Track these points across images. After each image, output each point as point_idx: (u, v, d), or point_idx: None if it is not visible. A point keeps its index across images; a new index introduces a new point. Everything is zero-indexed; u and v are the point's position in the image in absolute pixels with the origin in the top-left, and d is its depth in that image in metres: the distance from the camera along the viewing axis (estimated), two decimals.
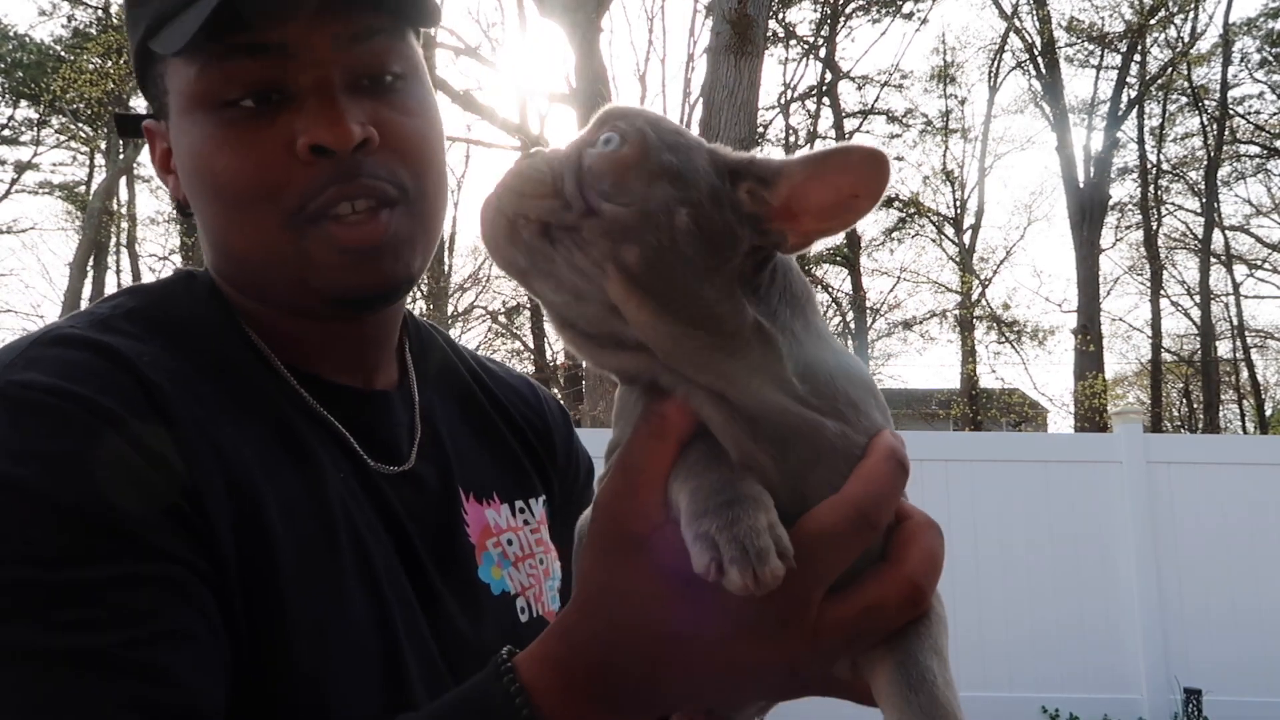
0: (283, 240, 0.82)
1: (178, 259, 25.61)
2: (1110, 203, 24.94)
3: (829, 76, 25.68)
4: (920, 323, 26.98)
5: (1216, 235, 25.36)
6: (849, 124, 26.67)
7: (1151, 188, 25.90)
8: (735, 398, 0.63)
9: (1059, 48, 24.85)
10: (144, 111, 0.97)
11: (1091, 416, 20.54)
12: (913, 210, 26.41)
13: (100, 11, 25.58)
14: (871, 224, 27.83)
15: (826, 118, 26.62)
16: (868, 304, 26.33)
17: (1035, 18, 24.38)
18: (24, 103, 26.21)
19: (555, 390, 18.48)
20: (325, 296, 0.85)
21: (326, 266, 0.83)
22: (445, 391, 1.02)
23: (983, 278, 25.93)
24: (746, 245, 0.64)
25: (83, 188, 27.52)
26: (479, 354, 1.13)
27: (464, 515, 0.95)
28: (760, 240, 0.64)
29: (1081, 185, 23.59)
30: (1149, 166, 25.71)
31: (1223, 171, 25.20)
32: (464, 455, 0.99)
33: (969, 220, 26.42)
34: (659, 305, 0.61)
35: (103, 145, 24.85)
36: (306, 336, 0.90)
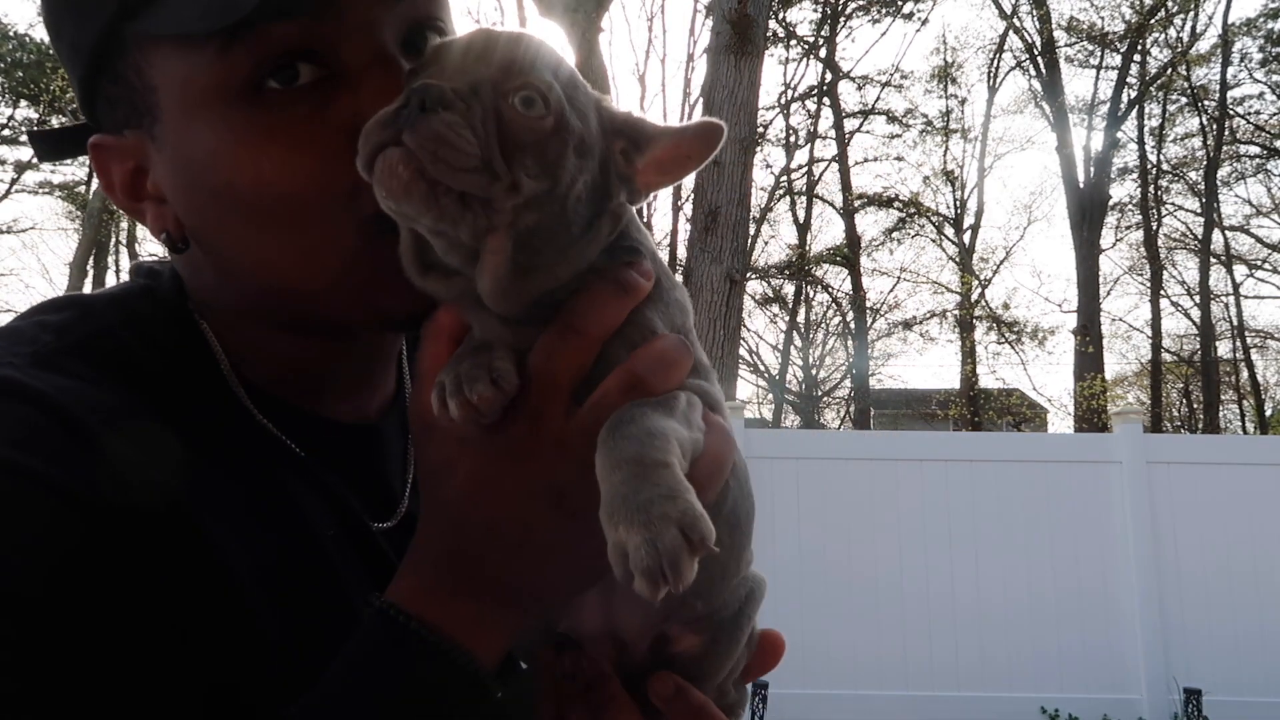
0: (358, 252, 0.70)
1: None
2: (1110, 203, 24.94)
3: (829, 76, 25.68)
4: (920, 323, 26.99)
5: (1216, 235, 25.36)
6: (849, 124, 26.67)
7: (1151, 188, 25.90)
8: (504, 313, 0.68)
9: (1059, 48, 24.86)
10: (71, 123, 0.78)
11: (1091, 417, 20.54)
12: (913, 210, 26.40)
13: None
14: (872, 224, 27.89)
15: (826, 118, 26.62)
16: (868, 304, 26.32)
17: (1035, 17, 24.39)
18: (24, 103, 26.22)
19: None
20: (391, 316, 0.74)
21: (406, 284, 0.70)
22: None
23: (982, 278, 25.94)
24: (615, 201, 0.70)
25: (82, 188, 27.52)
26: None
27: None
28: (627, 197, 0.71)
29: (1081, 185, 23.59)
30: (1149, 166, 25.71)
31: (1223, 171, 25.22)
32: None
33: (969, 220, 26.44)
34: (523, 259, 0.65)
35: None
36: (299, 361, 0.79)
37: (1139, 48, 24.37)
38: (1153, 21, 23.59)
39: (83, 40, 0.70)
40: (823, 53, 25.50)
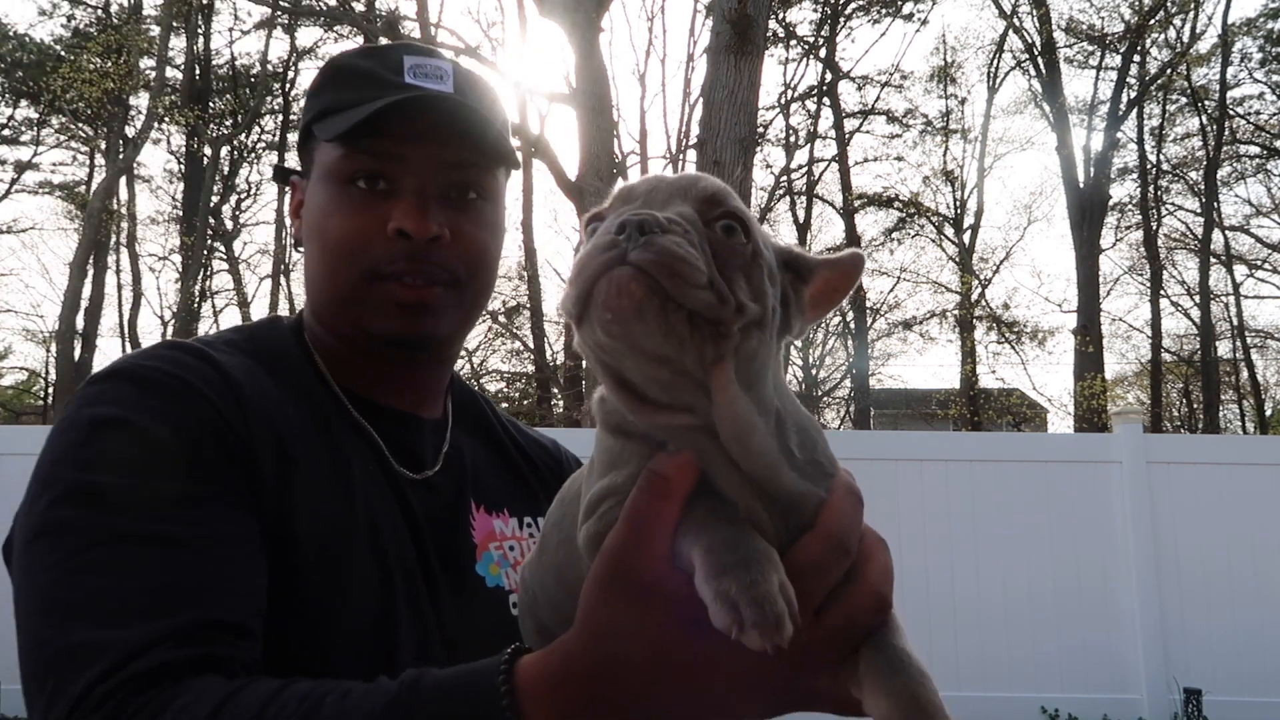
0: (359, 288, 1.08)
1: (177, 259, 25.60)
2: (1110, 203, 24.94)
3: (829, 76, 25.68)
4: (920, 323, 27.00)
5: (1216, 235, 25.37)
6: (849, 124, 26.66)
7: (1151, 188, 25.91)
8: (750, 468, 0.69)
9: (1058, 48, 24.86)
10: (291, 168, 1.27)
11: (1091, 417, 20.53)
12: (913, 210, 26.41)
13: (100, 11, 25.56)
14: (872, 224, 27.90)
15: (826, 118, 26.63)
16: (868, 304, 26.32)
17: (1035, 18, 24.38)
18: (24, 103, 26.19)
19: (555, 390, 18.44)
20: (376, 336, 1.10)
21: (383, 315, 1.08)
22: (476, 432, 1.27)
23: (982, 278, 25.93)
24: (792, 335, 0.75)
25: (83, 187, 27.48)
26: (514, 419, 1.38)
27: (471, 520, 1.15)
28: (799, 326, 0.75)
29: (1081, 185, 23.59)
30: (1149, 166, 25.72)
31: (1223, 171, 25.23)
32: (481, 477, 1.21)
33: (969, 220, 26.43)
34: (743, 388, 0.67)
35: (102, 145, 24.81)
36: (365, 367, 1.14)
37: (1139, 48, 24.37)
38: (1152, 22, 23.58)
39: (300, 127, 1.19)
40: (823, 53, 25.50)
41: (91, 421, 0.92)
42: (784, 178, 25.94)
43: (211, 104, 26.33)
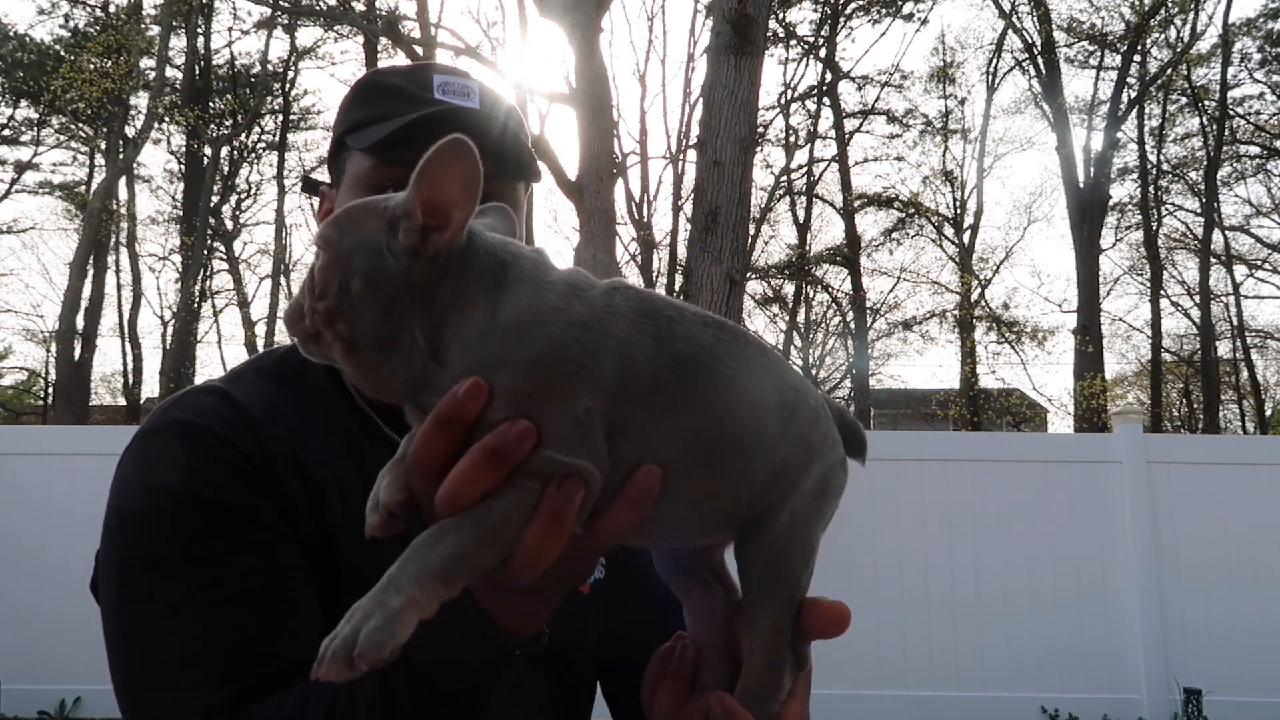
0: None
1: (177, 259, 25.61)
2: (1110, 203, 24.95)
3: (829, 76, 25.68)
4: (920, 323, 27.00)
5: (1216, 235, 25.37)
6: (849, 124, 26.66)
7: (1151, 188, 25.92)
8: (383, 401, 0.82)
9: (1058, 48, 24.86)
10: (319, 179, 1.33)
11: (1091, 417, 20.54)
12: (912, 211, 26.42)
13: (100, 11, 25.56)
14: (872, 224, 27.91)
15: (826, 118, 26.63)
16: (868, 304, 26.32)
17: (1035, 18, 24.39)
18: (24, 103, 26.21)
19: None
20: None
21: None
22: None
23: (982, 278, 25.94)
24: (409, 270, 0.76)
25: (83, 188, 27.50)
26: None
27: None
28: (427, 253, 0.76)
29: (1081, 185, 23.59)
30: (1149, 167, 25.73)
31: (1223, 171, 25.23)
32: None
33: (968, 220, 26.43)
34: (362, 356, 0.77)
35: (102, 145, 24.82)
36: None
37: (1139, 48, 24.37)
38: (1153, 22, 23.59)
39: (332, 139, 1.24)
40: (823, 53, 25.51)
41: (143, 489, 1.02)
42: (784, 178, 25.95)
43: (211, 104, 26.33)
